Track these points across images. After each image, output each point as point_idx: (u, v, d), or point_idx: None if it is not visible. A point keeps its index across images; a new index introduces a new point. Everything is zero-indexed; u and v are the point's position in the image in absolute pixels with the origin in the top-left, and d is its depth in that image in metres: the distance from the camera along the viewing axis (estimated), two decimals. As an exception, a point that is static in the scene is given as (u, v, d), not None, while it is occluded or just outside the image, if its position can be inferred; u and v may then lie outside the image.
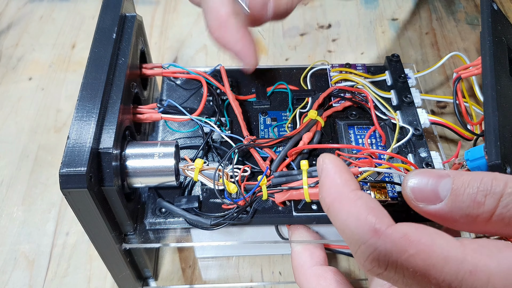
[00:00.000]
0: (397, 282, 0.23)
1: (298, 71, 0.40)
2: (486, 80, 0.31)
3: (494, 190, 0.22)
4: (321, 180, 0.26)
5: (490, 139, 0.28)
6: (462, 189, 0.23)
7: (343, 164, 0.26)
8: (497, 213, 0.22)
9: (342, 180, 0.25)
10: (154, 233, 0.32)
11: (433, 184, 0.24)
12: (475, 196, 0.23)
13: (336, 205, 0.25)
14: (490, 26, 0.33)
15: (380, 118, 0.36)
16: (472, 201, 0.23)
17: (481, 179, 0.23)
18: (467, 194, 0.23)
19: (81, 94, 0.29)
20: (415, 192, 0.24)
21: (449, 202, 0.23)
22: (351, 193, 0.25)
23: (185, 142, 0.35)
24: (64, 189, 0.25)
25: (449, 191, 0.23)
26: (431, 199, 0.24)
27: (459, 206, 0.23)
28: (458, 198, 0.23)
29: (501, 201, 0.22)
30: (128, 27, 0.34)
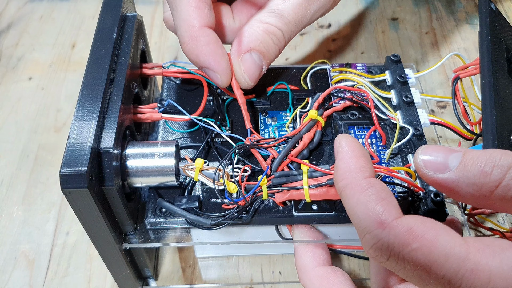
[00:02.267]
0: (398, 272, 0.23)
1: (298, 71, 0.40)
2: (484, 79, 0.31)
3: (502, 163, 0.23)
4: (336, 162, 0.27)
5: (488, 139, 0.28)
6: (471, 161, 0.24)
7: (359, 147, 0.27)
8: (503, 184, 0.23)
9: (357, 166, 0.25)
10: (154, 233, 0.32)
11: (444, 155, 0.25)
12: (483, 167, 0.23)
13: (348, 191, 0.25)
14: (488, 26, 0.33)
15: (380, 118, 0.36)
16: (479, 171, 0.23)
17: (491, 153, 0.23)
18: (475, 165, 0.23)
19: (81, 94, 0.29)
20: (425, 161, 0.25)
21: (457, 172, 0.24)
22: (363, 180, 0.25)
23: (186, 142, 0.35)
24: (64, 189, 0.25)
25: (458, 162, 0.24)
26: (440, 168, 0.24)
27: (466, 175, 0.24)
28: (466, 168, 0.24)
29: (508, 173, 0.23)
30: (128, 27, 0.34)
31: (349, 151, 0.26)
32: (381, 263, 0.24)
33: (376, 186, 0.24)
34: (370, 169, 0.26)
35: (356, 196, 0.24)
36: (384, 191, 0.24)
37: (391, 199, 0.24)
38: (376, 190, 0.24)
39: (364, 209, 0.24)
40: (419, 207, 0.31)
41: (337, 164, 0.26)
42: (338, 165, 0.26)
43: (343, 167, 0.26)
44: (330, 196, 0.30)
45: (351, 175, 0.25)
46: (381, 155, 0.34)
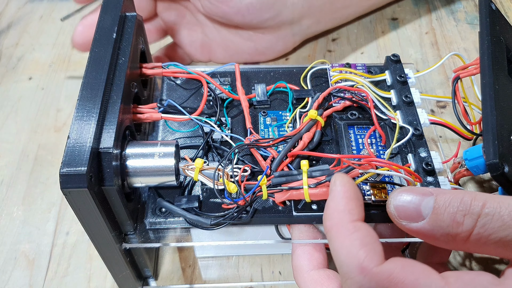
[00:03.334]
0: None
1: (298, 70, 0.40)
2: (484, 79, 0.31)
3: (472, 210, 0.24)
4: (327, 200, 0.27)
5: (488, 138, 0.28)
6: (443, 208, 0.24)
7: (353, 189, 0.27)
8: (474, 232, 0.24)
9: (346, 208, 0.26)
10: (154, 233, 0.32)
11: (416, 202, 0.25)
12: (455, 216, 0.24)
13: (334, 232, 0.26)
14: (488, 26, 0.33)
15: (380, 118, 0.36)
16: (451, 221, 0.24)
17: (462, 198, 0.24)
18: (448, 213, 0.24)
19: (81, 94, 0.29)
20: (398, 210, 0.25)
21: (430, 221, 0.24)
22: (350, 223, 0.25)
23: (185, 141, 0.35)
24: (64, 189, 0.25)
25: (431, 210, 0.24)
26: (414, 217, 0.25)
27: (439, 224, 0.24)
28: (439, 217, 0.24)
29: (479, 221, 0.23)
30: (128, 27, 0.34)
31: (341, 191, 0.27)
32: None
33: (361, 231, 0.25)
34: (359, 212, 0.26)
35: (341, 239, 0.25)
36: (369, 236, 0.25)
37: (375, 245, 0.24)
38: (361, 234, 0.25)
39: (347, 253, 0.24)
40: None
41: (327, 203, 0.27)
42: (329, 204, 0.27)
43: (333, 206, 0.26)
44: (330, 196, 0.30)
45: (339, 216, 0.26)
46: (381, 155, 0.34)
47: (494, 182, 0.41)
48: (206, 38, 0.50)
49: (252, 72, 0.40)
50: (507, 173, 0.27)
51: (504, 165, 0.27)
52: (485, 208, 0.24)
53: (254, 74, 0.40)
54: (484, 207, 0.24)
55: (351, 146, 0.35)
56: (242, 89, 0.37)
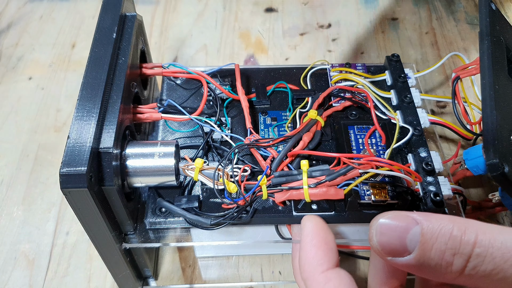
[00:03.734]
0: None
1: (298, 70, 0.40)
2: (484, 79, 0.31)
3: (463, 250, 0.22)
4: (300, 249, 0.27)
5: (488, 138, 0.28)
6: (430, 243, 0.22)
7: (323, 233, 0.27)
8: (465, 273, 0.22)
9: (315, 258, 0.26)
10: (154, 233, 0.32)
11: (400, 235, 0.23)
12: (444, 255, 0.22)
13: (309, 283, 0.26)
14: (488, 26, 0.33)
15: (380, 118, 0.36)
16: (440, 259, 0.22)
17: (451, 233, 0.22)
18: (435, 250, 0.22)
19: (81, 94, 0.29)
20: (382, 245, 0.23)
21: (417, 256, 0.22)
22: (320, 275, 0.25)
23: (185, 141, 0.35)
24: (64, 189, 0.25)
25: (417, 243, 0.22)
26: (399, 251, 0.23)
27: (427, 262, 0.22)
28: (426, 254, 0.22)
29: (469, 262, 0.22)
30: (128, 27, 0.34)
31: (310, 240, 0.27)
32: None
33: (332, 281, 0.25)
34: (329, 259, 0.26)
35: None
36: (341, 285, 0.25)
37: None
38: (333, 285, 0.25)
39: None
40: (418, 207, 0.31)
41: (299, 253, 0.27)
42: (300, 255, 0.27)
43: (304, 257, 0.27)
44: (329, 195, 0.30)
45: (310, 269, 0.26)
46: (381, 155, 0.34)
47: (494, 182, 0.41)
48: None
49: (252, 72, 0.40)
50: (507, 173, 0.27)
51: (504, 165, 0.27)
52: (476, 247, 0.22)
53: (254, 74, 0.40)
54: (475, 246, 0.22)
55: (351, 146, 0.35)
56: (242, 89, 0.37)
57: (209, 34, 0.57)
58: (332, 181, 0.30)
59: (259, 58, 0.54)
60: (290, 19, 0.59)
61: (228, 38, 0.57)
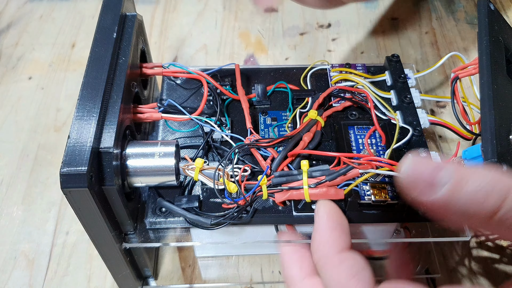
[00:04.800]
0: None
1: (298, 70, 0.40)
2: (482, 79, 0.31)
3: (500, 189, 0.20)
4: (313, 232, 0.27)
5: (487, 138, 0.28)
6: (464, 180, 0.20)
7: (337, 216, 0.27)
8: (500, 214, 0.20)
9: (331, 239, 0.26)
10: (154, 233, 0.32)
11: (433, 170, 0.21)
12: (478, 192, 0.20)
13: (321, 264, 0.26)
14: (487, 26, 0.33)
15: (380, 118, 0.36)
16: (473, 196, 0.20)
17: (488, 173, 0.21)
18: (470, 186, 0.20)
19: (81, 94, 0.29)
20: (412, 177, 0.22)
21: (448, 192, 0.21)
22: (335, 256, 0.25)
23: (185, 141, 0.35)
24: (64, 189, 0.25)
25: (450, 179, 0.21)
26: (428, 186, 0.21)
27: (458, 198, 0.21)
28: (459, 189, 0.20)
29: (506, 203, 0.20)
30: (128, 27, 0.34)
31: (324, 222, 0.27)
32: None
33: (348, 261, 0.25)
34: (344, 241, 0.26)
35: (329, 271, 0.25)
36: (356, 265, 0.24)
37: (364, 273, 0.24)
38: (348, 265, 0.24)
39: (336, 285, 0.24)
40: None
41: (313, 235, 0.27)
42: (314, 236, 0.27)
43: (318, 238, 0.26)
44: (330, 196, 0.30)
45: (324, 249, 0.26)
46: (381, 155, 0.34)
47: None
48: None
49: (252, 72, 0.40)
50: None
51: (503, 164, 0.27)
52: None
53: (254, 74, 0.40)
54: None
55: (351, 146, 0.35)
56: (242, 89, 0.37)
57: (209, 33, 0.57)
58: (332, 181, 0.30)
59: (259, 58, 0.54)
60: (290, 19, 0.59)
61: (228, 37, 0.57)
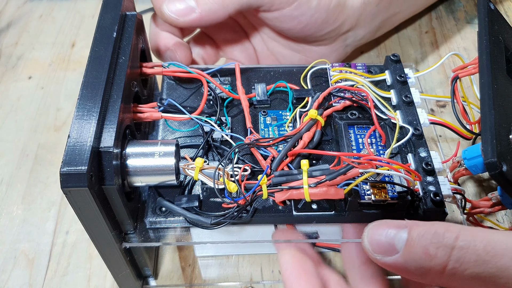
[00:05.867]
0: None
1: (298, 70, 0.40)
2: (482, 79, 0.31)
3: (446, 243, 0.23)
4: (283, 284, 0.29)
5: (486, 137, 0.28)
6: (416, 240, 0.24)
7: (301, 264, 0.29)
8: (449, 267, 0.23)
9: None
10: (154, 232, 0.32)
11: (390, 236, 0.25)
12: (428, 248, 0.23)
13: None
14: (487, 25, 0.33)
15: (380, 117, 0.36)
16: (424, 253, 0.23)
17: (435, 230, 0.24)
18: (420, 245, 0.23)
19: (81, 93, 0.29)
20: (372, 244, 0.25)
21: (403, 254, 0.24)
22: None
23: (186, 141, 0.35)
24: (64, 188, 0.25)
25: (404, 243, 0.24)
26: (388, 250, 0.25)
27: (412, 257, 0.24)
28: (412, 249, 0.24)
29: (452, 255, 0.23)
30: (128, 26, 0.34)
31: (290, 273, 0.28)
32: None
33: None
34: (313, 283, 0.28)
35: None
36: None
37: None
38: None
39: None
40: (418, 207, 0.31)
41: None
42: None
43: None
44: (329, 195, 0.30)
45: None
46: (381, 154, 0.34)
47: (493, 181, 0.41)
48: (252, 50, 0.47)
49: (252, 71, 0.40)
50: (506, 172, 0.27)
51: (503, 164, 0.27)
52: (458, 241, 0.23)
53: (254, 74, 0.40)
54: (457, 239, 0.23)
55: (351, 146, 0.35)
56: (242, 89, 0.37)
57: (209, 33, 0.57)
58: (332, 181, 0.30)
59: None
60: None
61: (228, 37, 0.56)
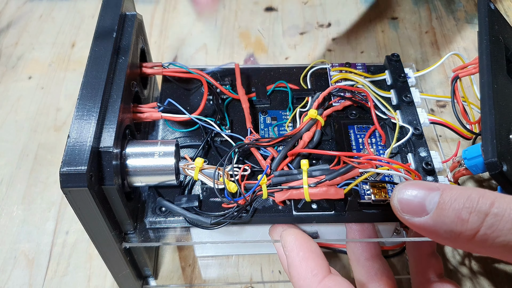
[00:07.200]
0: None
1: (298, 70, 0.40)
2: (483, 79, 0.31)
3: (479, 208, 0.22)
4: (288, 268, 0.27)
5: (487, 137, 0.28)
6: (448, 203, 0.23)
7: (305, 242, 0.27)
8: (480, 233, 0.22)
9: (308, 270, 0.26)
10: (154, 232, 0.32)
11: (421, 196, 0.24)
12: (460, 212, 0.22)
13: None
14: (487, 25, 0.33)
15: (380, 117, 0.36)
16: (456, 217, 0.23)
17: (469, 195, 0.23)
18: (453, 209, 0.23)
19: (81, 93, 0.29)
20: (402, 203, 0.25)
21: (434, 216, 0.23)
22: (318, 286, 0.25)
23: (185, 141, 0.35)
24: (64, 188, 0.25)
25: (435, 205, 0.23)
26: (417, 211, 0.24)
27: (443, 220, 0.23)
28: (443, 212, 0.23)
29: (486, 221, 0.22)
30: (128, 26, 0.34)
31: (296, 254, 0.27)
32: None
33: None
34: (322, 268, 0.26)
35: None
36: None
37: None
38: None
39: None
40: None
41: (289, 271, 0.27)
42: (291, 273, 0.27)
43: (296, 275, 0.26)
44: (329, 195, 0.30)
45: (305, 283, 0.26)
46: (381, 154, 0.34)
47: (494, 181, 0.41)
48: None
49: (252, 71, 0.40)
50: (506, 172, 0.27)
51: (503, 164, 0.27)
52: (493, 208, 0.22)
53: (254, 74, 0.40)
54: (492, 206, 0.22)
55: (351, 146, 0.35)
56: (242, 89, 0.37)
57: (209, 33, 0.57)
58: (332, 181, 0.30)
59: (259, 58, 0.54)
60: (290, 18, 0.59)
61: (228, 37, 0.57)
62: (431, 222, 0.23)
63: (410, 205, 0.24)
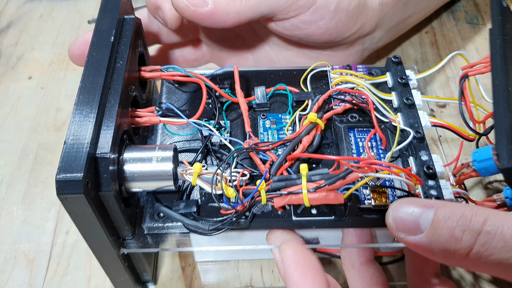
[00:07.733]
0: None
1: (298, 73, 0.40)
2: (497, 80, 0.30)
3: (472, 227, 0.22)
4: (286, 281, 0.27)
5: (502, 142, 0.27)
6: (442, 221, 0.23)
7: (303, 257, 0.28)
8: (474, 250, 0.23)
9: (306, 287, 0.26)
10: (152, 238, 0.32)
11: (416, 214, 0.24)
12: (454, 231, 0.23)
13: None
14: (500, 24, 0.32)
15: (380, 120, 0.35)
16: (450, 235, 0.23)
17: (462, 212, 0.23)
18: (446, 227, 0.23)
19: (78, 98, 0.29)
20: (397, 222, 0.25)
21: (428, 234, 0.23)
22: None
23: (184, 145, 0.35)
24: (60, 195, 0.25)
25: (429, 223, 0.23)
26: (412, 229, 0.24)
27: (437, 239, 0.23)
28: (437, 231, 0.23)
29: (479, 239, 0.22)
30: (126, 30, 0.34)
31: (294, 270, 0.27)
32: None
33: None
34: (320, 284, 0.26)
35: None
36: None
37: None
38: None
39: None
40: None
41: (287, 285, 0.27)
42: (289, 287, 0.27)
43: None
44: (329, 200, 0.29)
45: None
46: (382, 158, 0.34)
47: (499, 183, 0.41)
48: (268, 61, 0.46)
49: (252, 74, 0.40)
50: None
51: None
52: (486, 225, 0.22)
53: (253, 77, 0.40)
54: (485, 224, 0.22)
55: (351, 149, 0.34)
56: (241, 92, 0.37)
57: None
58: (331, 185, 0.30)
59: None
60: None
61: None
62: (426, 240, 0.24)
63: (405, 223, 0.24)
